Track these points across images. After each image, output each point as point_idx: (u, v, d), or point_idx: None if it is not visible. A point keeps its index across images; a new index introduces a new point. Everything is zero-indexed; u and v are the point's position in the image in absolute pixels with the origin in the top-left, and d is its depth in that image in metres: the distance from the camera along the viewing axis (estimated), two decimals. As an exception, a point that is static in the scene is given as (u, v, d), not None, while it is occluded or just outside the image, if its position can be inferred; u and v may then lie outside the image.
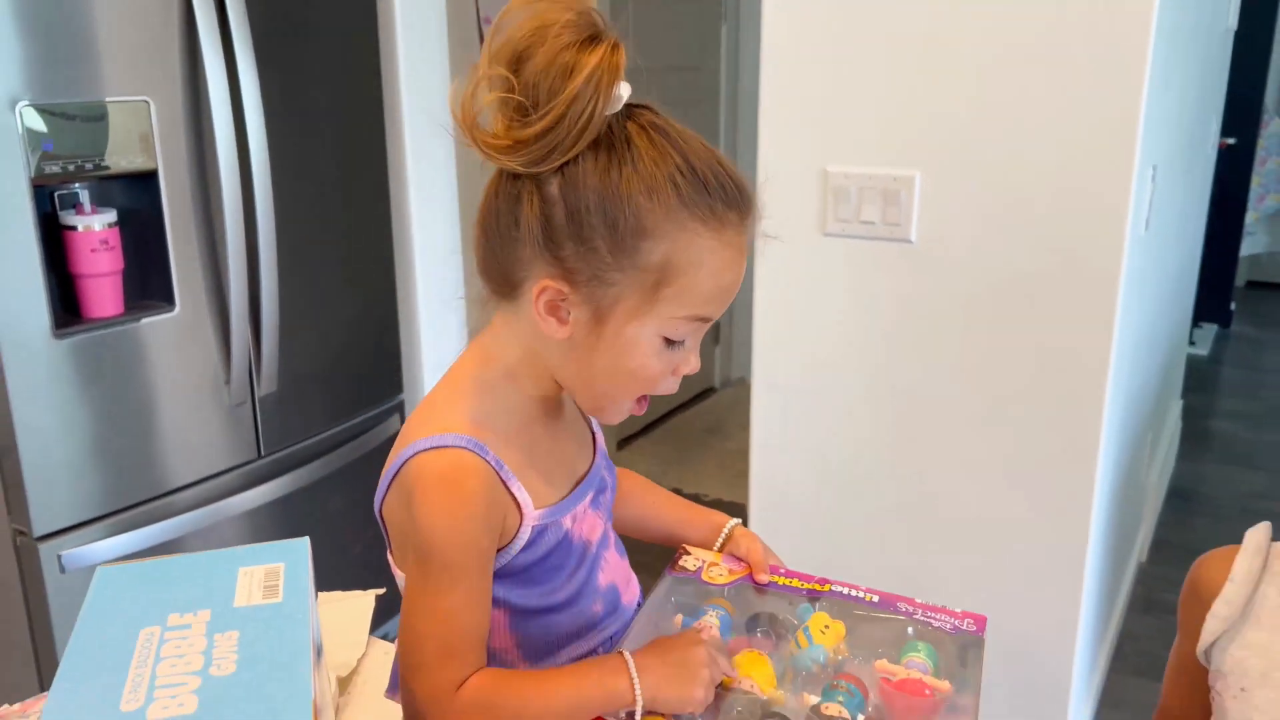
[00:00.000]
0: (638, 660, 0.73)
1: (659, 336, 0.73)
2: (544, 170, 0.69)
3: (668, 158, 0.69)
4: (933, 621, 0.86)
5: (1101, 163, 1.51)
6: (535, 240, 0.70)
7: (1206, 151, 2.88)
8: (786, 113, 1.74)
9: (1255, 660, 0.87)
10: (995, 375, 1.66)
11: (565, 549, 0.79)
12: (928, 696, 0.78)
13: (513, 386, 0.78)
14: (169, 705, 0.44)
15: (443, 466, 0.72)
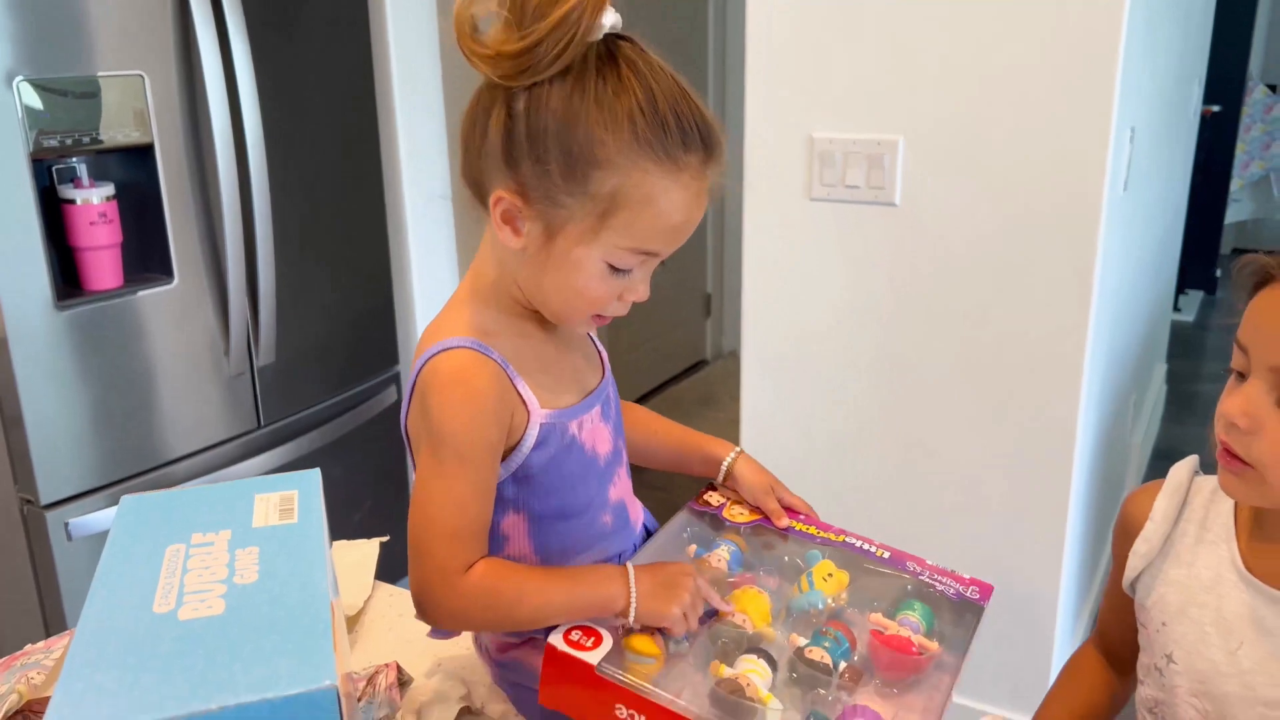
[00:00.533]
0: (635, 570, 0.79)
1: (604, 263, 0.76)
2: (516, 86, 0.72)
3: (630, 93, 0.72)
4: (936, 585, 0.89)
5: (1079, 124, 1.55)
6: (497, 151, 0.74)
7: (1188, 117, 2.92)
8: (772, 81, 1.77)
9: (1174, 595, 0.90)
10: (978, 336, 1.70)
11: (576, 456, 0.83)
12: (913, 654, 0.81)
13: (504, 296, 0.82)
14: (199, 607, 0.48)
15: (452, 365, 0.76)
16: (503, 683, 0.87)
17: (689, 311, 4.21)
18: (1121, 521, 0.97)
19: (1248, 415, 0.78)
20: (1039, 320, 1.64)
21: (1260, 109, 4.90)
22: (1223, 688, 0.86)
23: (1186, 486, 0.93)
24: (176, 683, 0.43)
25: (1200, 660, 0.87)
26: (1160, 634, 0.91)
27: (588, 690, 0.74)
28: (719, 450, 0.97)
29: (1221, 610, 0.86)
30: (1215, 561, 0.88)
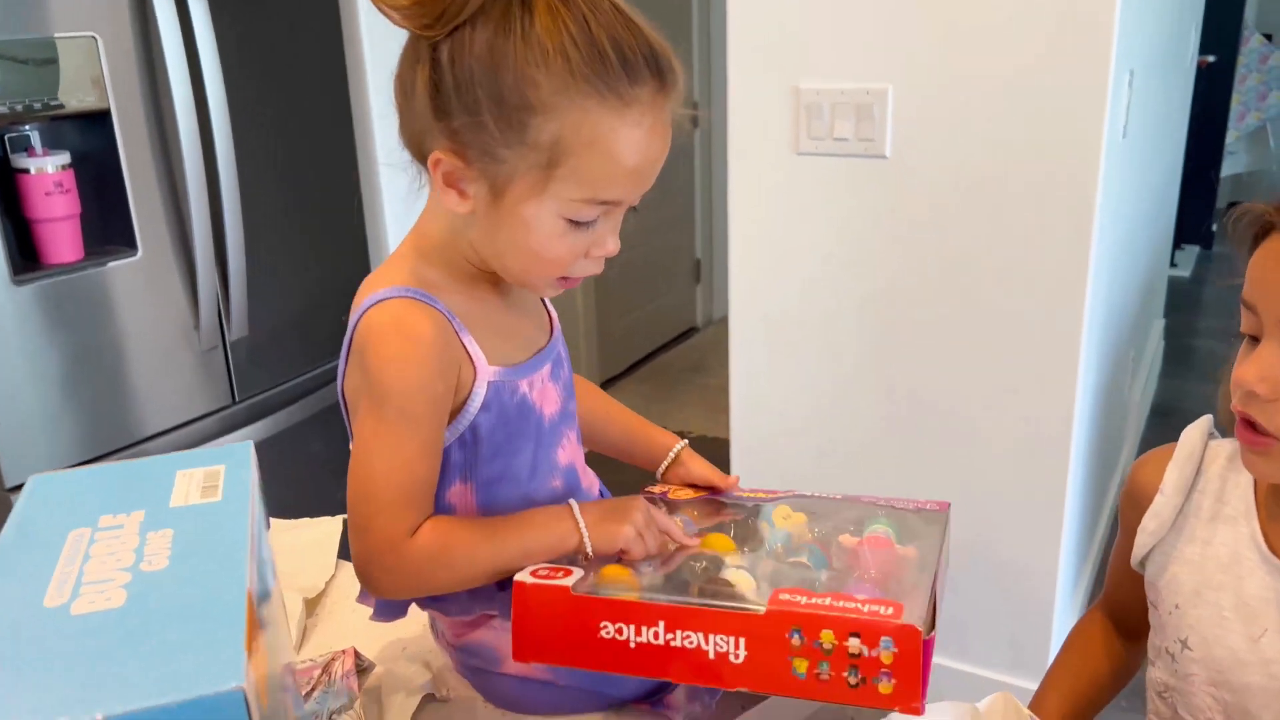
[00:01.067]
0: (580, 506, 0.75)
1: (560, 218, 0.69)
2: (436, 34, 0.66)
3: (561, 25, 0.65)
4: (897, 504, 0.85)
5: (1077, 66, 1.48)
6: (427, 110, 0.67)
7: (1185, 65, 2.84)
8: (756, 31, 1.70)
9: (1188, 576, 0.84)
10: (974, 290, 1.64)
11: (525, 415, 0.77)
12: (891, 547, 0.77)
13: (451, 253, 0.75)
14: (95, 600, 0.42)
15: (392, 313, 0.70)
16: (464, 670, 0.81)
17: (678, 278, 4.14)
18: (1130, 490, 0.90)
19: (1267, 380, 0.71)
20: (1036, 274, 1.58)
21: (1256, 58, 4.81)
22: (1244, 678, 0.79)
23: (1200, 453, 0.86)
24: (61, 688, 0.37)
25: (1219, 648, 0.80)
26: (1174, 616, 0.84)
27: (566, 619, 0.69)
28: (668, 440, 0.92)
29: (1242, 593, 0.80)
30: (1234, 539, 0.81)
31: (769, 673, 0.67)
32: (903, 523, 0.82)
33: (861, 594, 0.69)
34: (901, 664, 0.65)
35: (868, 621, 0.65)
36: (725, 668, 0.67)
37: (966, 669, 1.79)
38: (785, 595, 0.67)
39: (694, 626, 0.67)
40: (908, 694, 0.65)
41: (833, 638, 0.65)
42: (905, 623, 0.64)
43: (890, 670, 0.65)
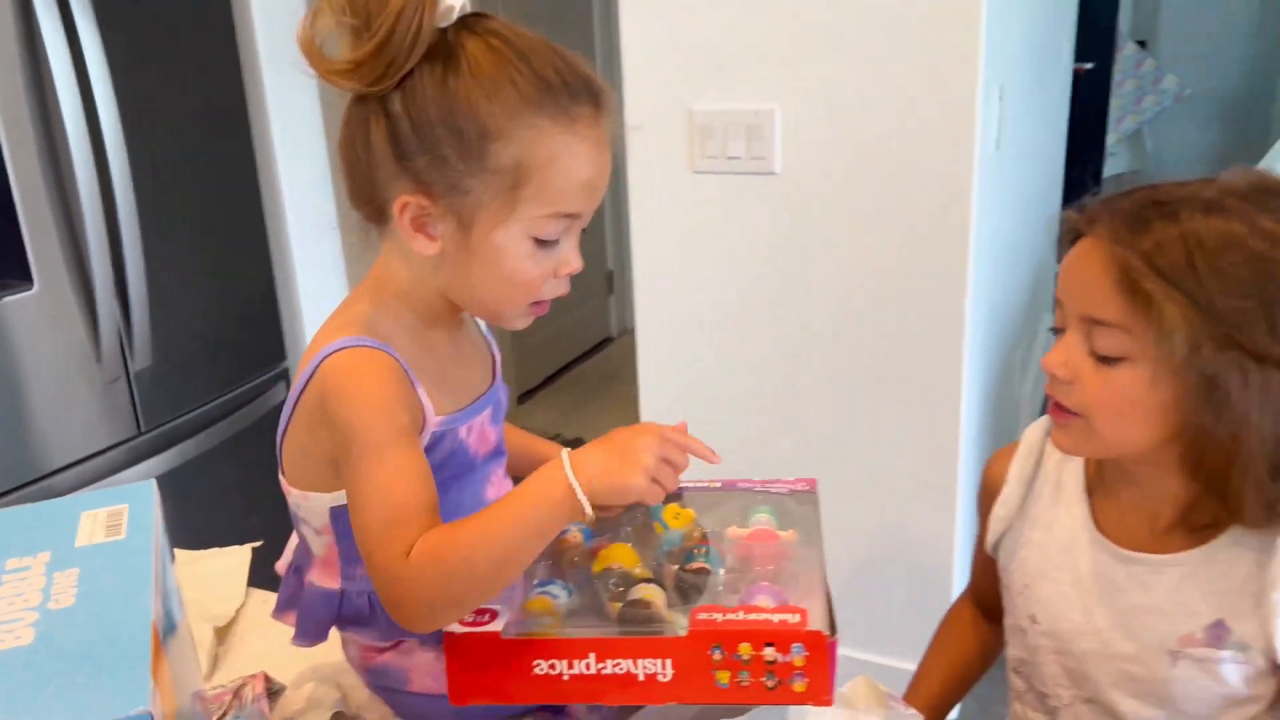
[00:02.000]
0: (574, 458, 0.70)
1: (528, 239, 0.74)
2: (385, 88, 0.70)
3: (504, 60, 0.70)
4: (770, 489, 0.93)
5: (948, 85, 1.57)
6: (388, 159, 0.72)
7: (1060, 75, 3.00)
8: (650, 56, 1.76)
9: (1034, 558, 0.92)
10: (861, 296, 1.73)
11: (460, 460, 0.80)
12: (777, 540, 0.84)
13: (406, 307, 0.79)
14: (5, 639, 0.45)
15: (354, 358, 0.73)
16: (377, 690, 0.85)
17: (592, 290, 4.19)
18: (983, 485, 0.99)
19: (1066, 365, 0.80)
20: (918, 280, 1.68)
21: (1131, 65, 5.08)
22: (1082, 646, 0.88)
23: (1040, 448, 0.94)
24: (-26, 722, 0.40)
25: (1062, 620, 0.89)
26: (1023, 596, 0.93)
27: (499, 661, 0.73)
28: (550, 450, 0.97)
29: (1078, 570, 0.89)
30: (1070, 522, 0.90)
31: (695, 686, 0.73)
32: (780, 506, 0.90)
33: (764, 595, 0.76)
34: (813, 665, 0.71)
35: (779, 631, 0.71)
36: (654, 687, 0.73)
37: (873, 659, 1.88)
38: (703, 615, 0.73)
39: (623, 654, 0.72)
40: (819, 690, 0.72)
41: (750, 649, 0.71)
42: (813, 629, 0.71)
43: (803, 671, 0.71)
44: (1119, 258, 0.76)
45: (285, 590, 0.81)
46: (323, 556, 0.79)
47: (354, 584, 0.79)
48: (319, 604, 0.79)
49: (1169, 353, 0.75)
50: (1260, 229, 0.74)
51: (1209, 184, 0.79)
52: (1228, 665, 0.82)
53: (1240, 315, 0.73)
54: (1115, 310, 0.77)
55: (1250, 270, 0.74)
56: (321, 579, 0.79)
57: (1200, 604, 0.83)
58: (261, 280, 2.21)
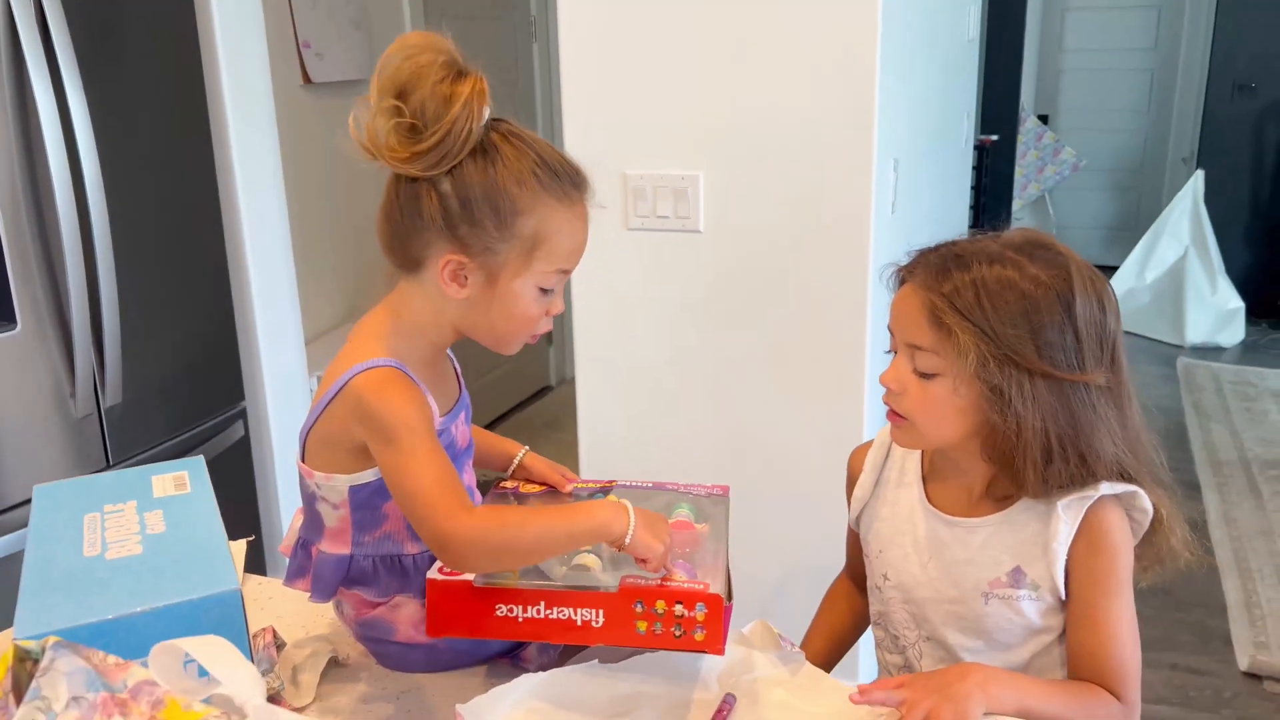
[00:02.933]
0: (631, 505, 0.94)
1: (536, 288, 0.97)
2: (437, 173, 0.92)
3: (526, 156, 0.94)
4: (692, 491, 1.16)
5: (846, 156, 1.82)
6: (437, 225, 0.94)
7: (960, 146, 3.31)
8: (588, 125, 1.98)
9: (885, 528, 1.16)
10: (774, 342, 1.95)
11: (453, 450, 1.02)
12: (693, 530, 1.06)
13: (419, 335, 1.00)
14: (120, 550, 0.62)
15: (381, 374, 0.94)
16: (364, 640, 1.02)
17: (531, 340, 4.39)
18: (848, 473, 1.23)
19: (895, 380, 1.05)
20: (823, 327, 1.91)
21: (1033, 137, 5.51)
22: (920, 594, 1.11)
23: (888, 444, 1.19)
24: (113, 596, 0.57)
25: (905, 575, 1.12)
26: (878, 559, 1.15)
27: (469, 604, 0.91)
28: (513, 449, 1.20)
29: (916, 535, 1.12)
30: (910, 499, 1.14)
31: (620, 632, 0.93)
32: (698, 505, 1.12)
33: (679, 570, 0.97)
34: (710, 621, 0.92)
35: (687, 592, 0.92)
36: (589, 631, 0.93)
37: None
38: (630, 579, 0.93)
39: (566, 604, 0.92)
40: (714, 641, 0.93)
41: (664, 605, 0.92)
42: (713, 593, 0.92)
43: (703, 624, 0.92)
44: (928, 299, 1.00)
45: (294, 563, 0.99)
46: (335, 528, 0.97)
47: (362, 549, 0.98)
48: (330, 568, 0.97)
49: (964, 368, 0.98)
50: (1029, 275, 0.99)
51: (995, 239, 1.04)
52: (1025, 602, 1.05)
53: (1015, 340, 0.98)
54: (928, 338, 1.00)
55: (1021, 306, 0.98)
56: (332, 547, 0.97)
57: (1003, 555, 1.06)
58: (223, 327, 2.36)
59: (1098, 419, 1.00)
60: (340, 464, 0.96)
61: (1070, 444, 1.00)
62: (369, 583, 0.98)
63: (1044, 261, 1.00)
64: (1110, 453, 1.01)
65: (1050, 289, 0.99)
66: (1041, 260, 1.01)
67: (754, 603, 2.07)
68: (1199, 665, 2.48)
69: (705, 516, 1.11)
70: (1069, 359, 0.99)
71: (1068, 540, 1.03)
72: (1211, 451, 3.68)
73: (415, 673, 1.00)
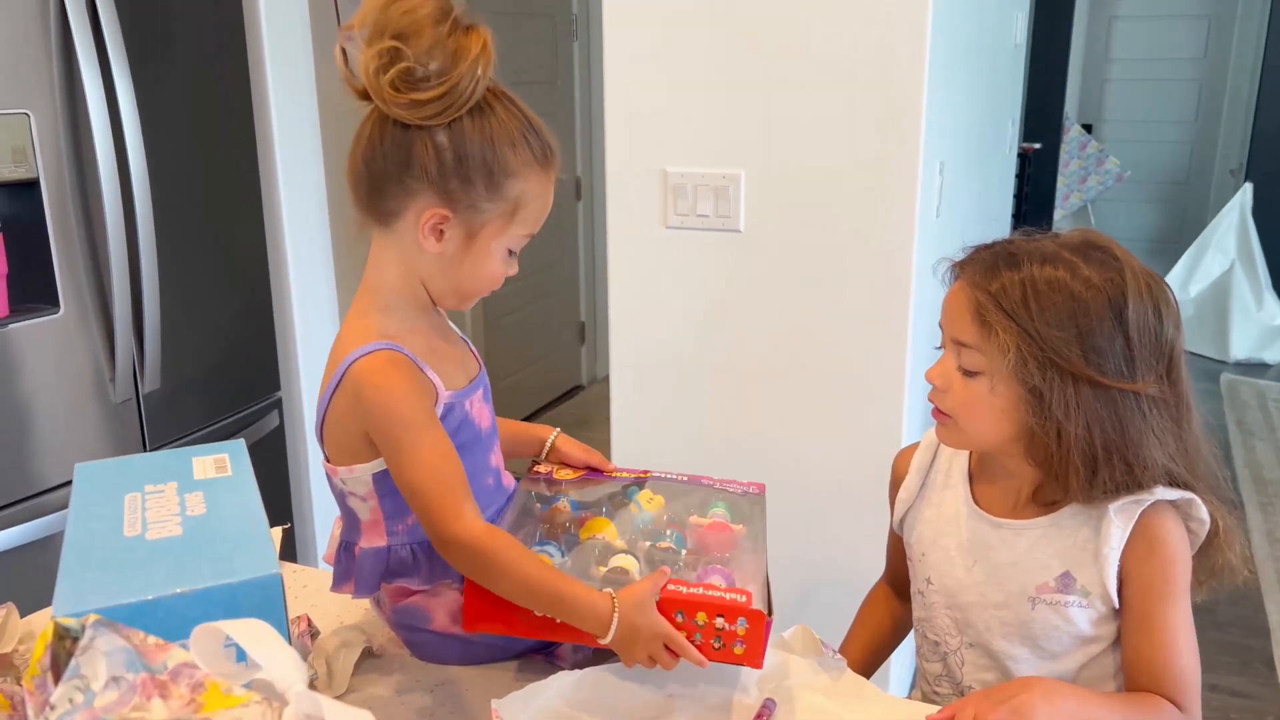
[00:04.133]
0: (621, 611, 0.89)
1: (505, 249, 0.97)
2: (437, 124, 0.90)
3: (516, 118, 0.94)
4: (728, 488, 1.13)
5: (892, 157, 1.79)
6: (427, 176, 0.91)
7: (1004, 153, 3.27)
8: (629, 122, 1.97)
9: (929, 531, 1.13)
10: (815, 343, 1.92)
11: (469, 430, 0.99)
12: (730, 532, 1.04)
13: (400, 300, 0.98)
14: (160, 530, 0.61)
15: (377, 361, 0.92)
16: (398, 629, 1.01)
17: (564, 340, 4.38)
18: (891, 475, 1.21)
19: (940, 376, 1.03)
20: (864, 331, 1.88)
21: (1076, 146, 5.43)
22: (964, 598, 1.08)
23: (935, 445, 1.16)
24: (153, 576, 0.56)
25: (949, 579, 1.09)
26: (921, 563, 1.13)
27: (506, 602, 0.90)
28: (543, 433, 1.18)
29: (960, 538, 1.09)
30: (955, 500, 1.11)
31: None
32: (734, 504, 1.10)
33: (716, 575, 0.95)
34: (751, 635, 0.90)
35: (729, 605, 0.90)
36: None
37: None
38: (671, 586, 0.91)
39: None
40: (754, 655, 0.91)
41: (705, 617, 0.91)
42: (755, 608, 0.90)
43: (743, 639, 0.90)
44: (975, 296, 0.98)
45: (338, 567, 0.98)
46: (369, 520, 0.96)
47: (398, 538, 0.96)
48: (371, 563, 0.96)
49: (1003, 367, 0.96)
50: (1081, 276, 0.96)
51: (1053, 239, 1.01)
52: (1075, 609, 1.02)
53: (1059, 342, 0.95)
54: (972, 335, 0.98)
55: (1069, 308, 0.95)
56: (370, 541, 0.96)
57: (1052, 559, 1.03)
58: (261, 315, 2.37)
59: (1148, 428, 0.97)
60: (357, 453, 0.94)
61: (1117, 452, 0.97)
62: (410, 572, 0.97)
63: (1098, 264, 0.97)
64: (1160, 463, 0.98)
65: (1102, 292, 0.96)
66: (1096, 262, 0.98)
67: (788, 606, 2.04)
68: (1240, 688, 2.42)
69: (741, 516, 1.09)
70: (1118, 366, 0.96)
71: (1120, 545, 0.99)
72: (1255, 469, 3.60)
73: (448, 664, 0.99)
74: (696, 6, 1.86)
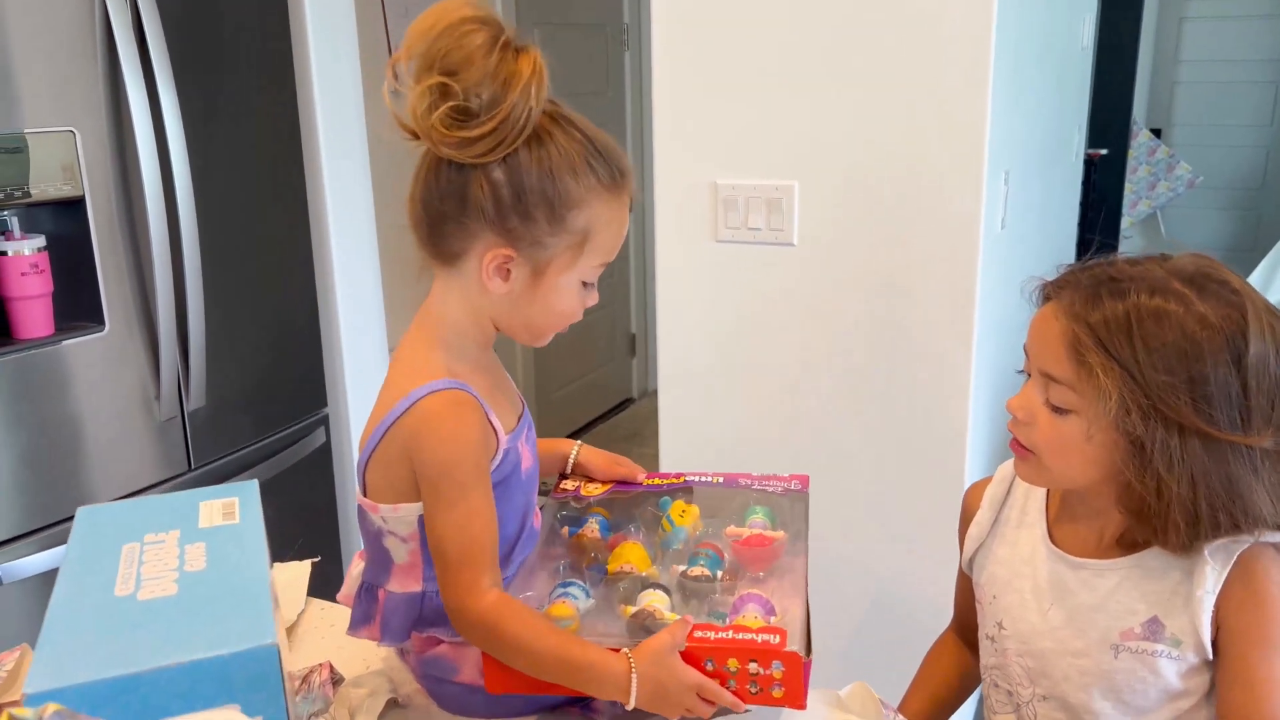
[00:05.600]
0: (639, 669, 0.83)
1: (579, 282, 0.91)
2: (490, 160, 0.85)
3: (579, 143, 0.87)
4: (767, 487, 1.08)
5: (955, 167, 1.70)
6: (485, 216, 0.86)
7: (1070, 160, 3.14)
8: (678, 133, 1.91)
9: (1002, 571, 1.04)
10: (872, 363, 1.84)
11: (516, 472, 0.94)
12: (769, 544, 0.98)
13: (463, 337, 0.93)
14: (154, 589, 0.56)
15: (445, 403, 0.86)
16: (424, 680, 0.95)
17: (616, 352, 4.33)
18: (962, 510, 1.11)
19: (1024, 409, 0.94)
20: (927, 349, 1.79)
21: (1145, 152, 5.23)
22: (1040, 644, 0.99)
23: (1010, 479, 1.07)
24: (140, 645, 0.51)
25: (1022, 623, 1.00)
26: (992, 605, 1.04)
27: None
28: (565, 447, 1.12)
29: (1036, 579, 1.00)
30: (1031, 539, 1.02)
31: None
32: (775, 506, 1.05)
33: (753, 605, 0.89)
34: (789, 677, 0.83)
35: (762, 649, 0.83)
36: None
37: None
38: (699, 633, 0.85)
39: None
40: (794, 697, 0.84)
41: (737, 663, 0.84)
42: (791, 650, 0.83)
43: (781, 682, 0.83)
44: (1071, 328, 0.89)
45: (358, 609, 0.92)
46: (404, 564, 0.90)
47: (434, 584, 0.90)
48: (401, 609, 0.90)
49: (1102, 414, 0.87)
50: (1195, 313, 0.86)
51: (1160, 264, 0.91)
52: (1163, 659, 0.92)
53: (1166, 389, 0.85)
54: (1066, 371, 0.89)
55: (1180, 349, 0.85)
56: (402, 585, 0.91)
57: (1138, 603, 0.94)
58: (307, 333, 2.35)
59: (1259, 483, 0.87)
60: (405, 492, 0.89)
61: (1223, 509, 0.87)
62: (443, 622, 0.91)
63: (1216, 298, 0.87)
64: (1269, 518, 0.88)
65: (1219, 333, 0.85)
66: (1213, 297, 0.87)
67: (840, 644, 1.95)
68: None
69: (782, 521, 1.04)
70: (1232, 416, 0.86)
71: (1215, 589, 0.90)
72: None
73: (477, 718, 0.93)
74: (749, 12, 1.79)
